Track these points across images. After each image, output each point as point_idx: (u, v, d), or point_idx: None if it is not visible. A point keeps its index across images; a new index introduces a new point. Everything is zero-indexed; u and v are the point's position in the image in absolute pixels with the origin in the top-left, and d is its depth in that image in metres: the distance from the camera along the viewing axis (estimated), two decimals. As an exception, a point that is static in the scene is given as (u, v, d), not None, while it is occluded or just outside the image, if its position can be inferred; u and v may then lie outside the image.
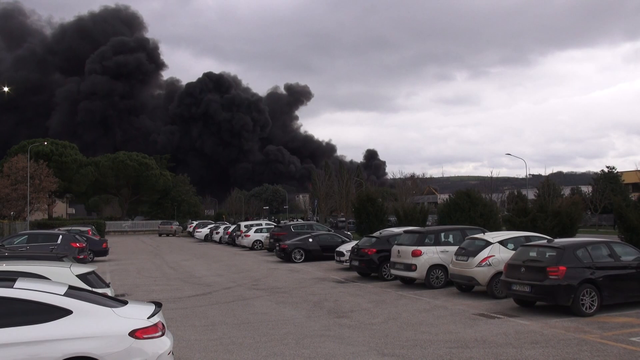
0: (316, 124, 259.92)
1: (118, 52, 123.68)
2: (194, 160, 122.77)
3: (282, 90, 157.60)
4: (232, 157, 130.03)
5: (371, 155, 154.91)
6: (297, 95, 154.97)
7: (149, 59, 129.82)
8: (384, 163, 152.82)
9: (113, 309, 6.12)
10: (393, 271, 16.02)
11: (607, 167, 62.61)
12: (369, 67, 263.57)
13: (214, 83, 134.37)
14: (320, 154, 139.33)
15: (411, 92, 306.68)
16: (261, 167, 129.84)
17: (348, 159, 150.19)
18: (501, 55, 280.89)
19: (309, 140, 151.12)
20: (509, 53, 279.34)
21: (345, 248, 20.54)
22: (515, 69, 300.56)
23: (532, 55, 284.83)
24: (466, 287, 14.18)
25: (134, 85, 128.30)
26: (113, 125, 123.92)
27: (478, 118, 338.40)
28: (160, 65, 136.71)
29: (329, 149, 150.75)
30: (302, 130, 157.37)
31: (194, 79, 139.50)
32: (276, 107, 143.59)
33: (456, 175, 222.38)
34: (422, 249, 15.16)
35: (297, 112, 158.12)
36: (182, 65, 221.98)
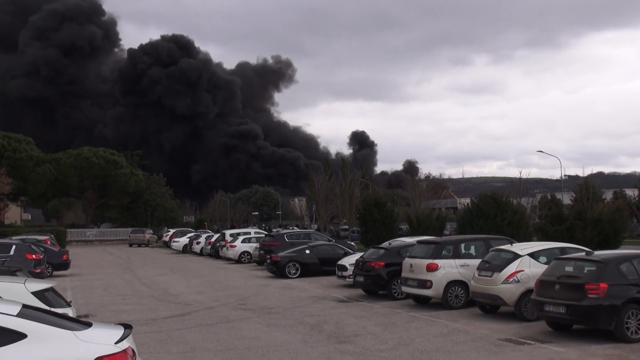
0: (312, 115, 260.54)
1: (63, 21, 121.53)
2: (153, 156, 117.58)
3: (257, 63, 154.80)
4: (194, 152, 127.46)
5: (359, 140, 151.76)
6: (275, 73, 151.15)
7: (105, 35, 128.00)
8: (374, 151, 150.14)
9: (75, 332, 6.10)
10: (404, 288, 16.01)
11: (657, 166, 62.70)
12: (372, 49, 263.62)
13: (167, 52, 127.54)
14: (298, 145, 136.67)
15: (422, 79, 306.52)
16: (225, 167, 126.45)
17: (339, 151, 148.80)
18: (526, 37, 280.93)
19: (283, 127, 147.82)
20: (536, 34, 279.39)
21: (349, 261, 20.52)
22: (544, 52, 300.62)
23: (563, 36, 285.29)
24: (490, 307, 14.17)
25: (83, 64, 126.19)
26: (55, 114, 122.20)
27: (502, 109, 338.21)
28: (115, 42, 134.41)
29: (308, 139, 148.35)
30: (282, 118, 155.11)
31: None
32: (246, 85, 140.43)
33: (478, 175, 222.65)
34: (439, 262, 15.15)
35: (280, 96, 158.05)
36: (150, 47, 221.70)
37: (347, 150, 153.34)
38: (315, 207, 62.07)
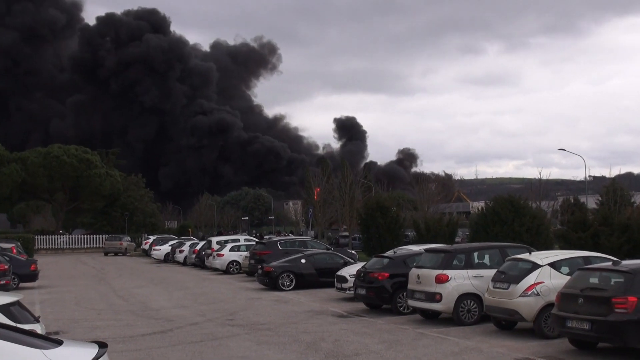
0: (307, 109, 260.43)
1: (19, 2, 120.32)
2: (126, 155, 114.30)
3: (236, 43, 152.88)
4: (163, 151, 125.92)
5: (347, 129, 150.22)
6: (256, 57, 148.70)
7: (69, 20, 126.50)
8: (364, 144, 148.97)
9: (44, 350, 6.09)
10: (411, 302, 16.01)
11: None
12: (372, 37, 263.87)
13: (131, 30, 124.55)
14: (278, 139, 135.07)
15: (429, 69, 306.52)
16: (195, 167, 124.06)
17: (326, 144, 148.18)
18: (543, 22, 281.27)
19: (257, 115, 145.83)
20: (553, 20, 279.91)
21: (349, 272, 20.52)
22: (563, 39, 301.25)
23: (584, 22, 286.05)
24: (507, 323, 14.18)
25: (42, 51, 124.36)
26: (9, 106, 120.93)
27: (518, 102, 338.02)
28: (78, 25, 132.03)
29: (286, 131, 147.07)
30: (269, 112, 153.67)
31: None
32: (222, 71, 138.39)
33: (493, 176, 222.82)
34: (450, 273, 15.16)
35: (268, 87, 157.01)
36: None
37: (336, 144, 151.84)
38: (311, 212, 62.07)
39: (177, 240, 48.93)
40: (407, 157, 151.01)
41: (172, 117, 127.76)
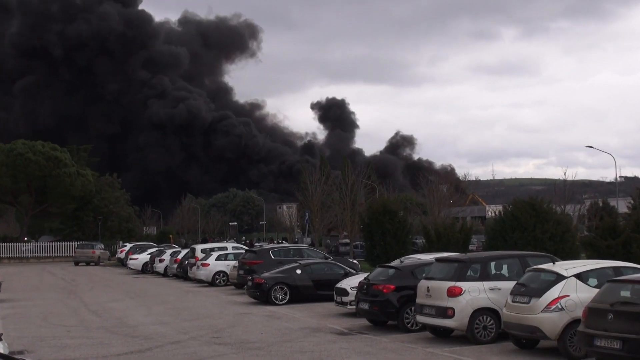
0: (300, 102, 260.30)
1: None
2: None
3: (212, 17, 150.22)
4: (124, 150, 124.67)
5: (330, 112, 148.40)
6: (232, 36, 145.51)
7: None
8: (352, 131, 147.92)
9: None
10: (420, 318, 16.01)
11: None
12: (373, 21, 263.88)
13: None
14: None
15: (437, 57, 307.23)
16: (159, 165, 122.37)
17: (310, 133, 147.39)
18: (564, 4, 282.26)
19: (233, 105, 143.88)
20: (575, 1, 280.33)
21: (350, 284, 20.51)
22: (587, 24, 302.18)
23: (609, 4, 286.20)
24: (527, 341, 14.17)
25: None
26: None
27: (538, 94, 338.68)
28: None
29: (265, 118, 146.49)
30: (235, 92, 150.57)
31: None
32: (192, 52, 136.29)
33: (511, 177, 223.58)
34: (463, 285, 15.15)
35: (254, 75, 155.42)
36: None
37: (322, 134, 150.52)
38: (308, 216, 62.05)
39: (156, 249, 48.83)
40: (401, 143, 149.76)
41: (132, 107, 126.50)
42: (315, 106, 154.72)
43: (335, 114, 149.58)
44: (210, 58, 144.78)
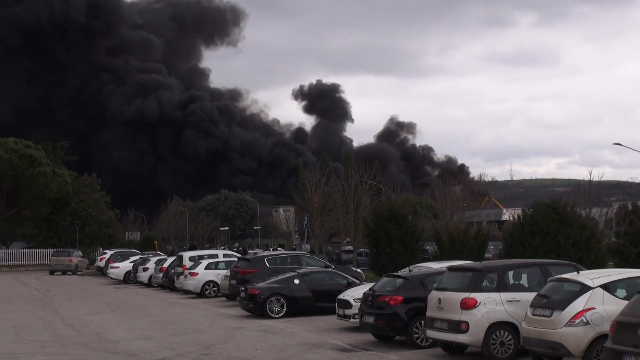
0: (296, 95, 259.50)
1: None
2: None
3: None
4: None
5: (315, 92, 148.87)
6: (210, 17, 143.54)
7: None
8: (345, 111, 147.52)
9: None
10: (430, 333, 15.98)
11: None
12: (376, 6, 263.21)
13: None
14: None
15: (447, 45, 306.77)
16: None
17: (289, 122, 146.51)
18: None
19: (202, 84, 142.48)
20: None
21: (353, 295, 20.50)
22: (609, 9, 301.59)
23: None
24: (549, 358, 14.14)
25: None
26: None
27: (559, 86, 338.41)
28: None
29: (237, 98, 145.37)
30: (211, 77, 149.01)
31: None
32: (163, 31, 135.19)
33: (531, 177, 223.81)
34: (479, 296, 15.13)
35: (243, 65, 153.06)
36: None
37: (307, 121, 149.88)
38: (307, 220, 62.07)
39: (140, 256, 48.87)
40: (399, 129, 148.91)
41: (97, 99, 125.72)
42: (300, 94, 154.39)
43: (321, 106, 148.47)
44: (186, 43, 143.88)
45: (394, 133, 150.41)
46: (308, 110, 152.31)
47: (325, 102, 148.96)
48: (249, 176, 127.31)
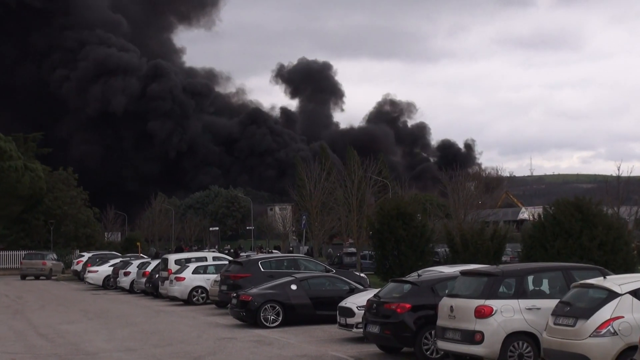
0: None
1: None
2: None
3: None
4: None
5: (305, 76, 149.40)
6: None
7: None
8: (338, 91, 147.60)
9: None
10: (441, 344, 15.99)
11: None
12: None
13: None
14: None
15: (458, 27, 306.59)
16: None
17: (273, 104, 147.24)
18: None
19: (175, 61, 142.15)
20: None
21: (356, 302, 20.53)
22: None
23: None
24: (573, 372, 14.14)
25: None
26: None
27: (582, 72, 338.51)
28: None
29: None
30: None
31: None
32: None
33: (553, 172, 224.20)
34: (495, 304, 15.13)
35: (234, 51, 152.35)
36: None
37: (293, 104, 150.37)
38: (305, 220, 62.00)
39: (120, 259, 48.93)
40: (393, 110, 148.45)
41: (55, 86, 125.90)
42: (280, 74, 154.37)
43: (308, 88, 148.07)
44: (158, 24, 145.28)
45: (387, 115, 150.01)
46: (293, 94, 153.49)
47: (311, 83, 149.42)
48: (219, 169, 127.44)
